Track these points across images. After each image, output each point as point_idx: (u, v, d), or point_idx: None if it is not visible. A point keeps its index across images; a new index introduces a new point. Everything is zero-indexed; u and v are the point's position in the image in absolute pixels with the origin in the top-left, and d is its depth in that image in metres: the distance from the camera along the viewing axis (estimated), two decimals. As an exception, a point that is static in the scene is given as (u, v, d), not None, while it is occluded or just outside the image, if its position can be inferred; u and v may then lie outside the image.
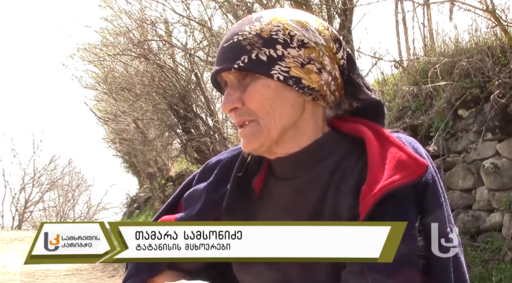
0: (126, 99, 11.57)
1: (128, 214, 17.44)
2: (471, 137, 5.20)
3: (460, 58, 5.37)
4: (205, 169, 1.23)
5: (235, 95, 1.06)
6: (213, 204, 1.15)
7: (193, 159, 11.29)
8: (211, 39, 9.29)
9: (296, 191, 1.08)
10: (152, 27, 10.12)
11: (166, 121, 11.40)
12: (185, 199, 1.22)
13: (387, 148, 1.01)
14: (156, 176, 13.83)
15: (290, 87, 1.04)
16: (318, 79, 1.05)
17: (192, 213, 1.17)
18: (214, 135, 10.27)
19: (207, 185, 1.18)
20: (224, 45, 1.07)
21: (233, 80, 1.06)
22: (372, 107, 1.11)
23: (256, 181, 1.12)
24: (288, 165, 1.09)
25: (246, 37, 1.04)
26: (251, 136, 1.05)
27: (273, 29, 1.04)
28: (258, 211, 1.12)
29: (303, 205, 1.07)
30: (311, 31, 1.06)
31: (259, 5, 8.10)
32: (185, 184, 1.27)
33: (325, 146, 1.08)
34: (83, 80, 12.82)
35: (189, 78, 10.59)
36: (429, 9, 6.67)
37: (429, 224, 0.96)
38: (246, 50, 1.03)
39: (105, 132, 16.81)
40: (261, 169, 1.13)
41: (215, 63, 1.07)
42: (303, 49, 1.04)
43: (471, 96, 5.24)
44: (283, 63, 1.03)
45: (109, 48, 10.82)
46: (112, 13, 10.63)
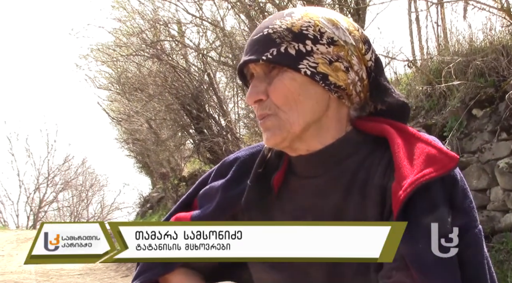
0: (139, 99, 11.63)
1: (141, 214, 17.50)
2: (485, 137, 5.14)
3: (474, 57, 5.31)
4: (222, 167, 1.23)
5: (260, 87, 1.05)
6: (230, 201, 1.15)
7: (206, 159, 11.30)
8: (224, 39, 9.30)
9: (318, 189, 1.07)
10: (165, 27, 10.15)
11: (179, 121, 11.42)
12: (201, 197, 1.22)
13: (414, 144, 1.00)
14: (169, 176, 13.87)
15: (316, 83, 1.03)
16: (345, 77, 1.05)
17: (208, 210, 1.16)
18: (226, 135, 10.28)
19: (224, 182, 1.18)
20: (254, 38, 1.07)
21: (260, 72, 1.06)
22: (397, 109, 1.10)
23: (275, 178, 1.11)
24: (310, 164, 1.08)
25: (277, 31, 1.04)
26: (273, 129, 1.05)
27: (304, 25, 1.04)
28: (276, 208, 1.11)
29: (325, 204, 1.06)
30: (341, 30, 1.06)
31: (272, 5, 8.09)
32: (201, 182, 1.26)
33: (348, 146, 1.08)
34: (96, 80, 12.90)
35: (202, 78, 10.61)
36: (443, 8, 6.61)
37: (460, 220, 0.95)
38: (276, 43, 1.03)
39: (118, 133, 16.91)
40: (281, 166, 1.12)
41: (243, 55, 1.07)
42: (332, 46, 1.04)
43: (485, 96, 5.19)
44: (311, 59, 1.03)
45: (122, 49, 10.87)
46: (125, 13, 10.69)
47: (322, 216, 1.05)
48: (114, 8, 10.66)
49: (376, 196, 1.01)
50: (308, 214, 1.07)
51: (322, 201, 1.06)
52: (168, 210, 13.74)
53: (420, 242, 0.91)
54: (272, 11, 8.19)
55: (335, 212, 1.04)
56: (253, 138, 9.70)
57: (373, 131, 1.08)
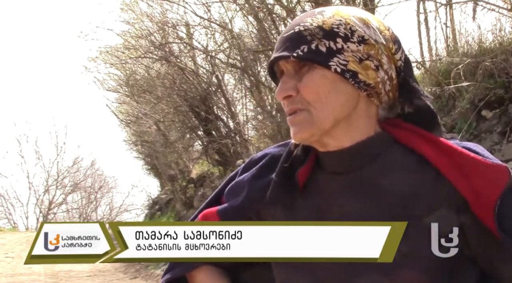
0: (147, 101, 11.66)
1: (149, 216, 17.54)
2: (495, 138, 5.11)
3: (483, 59, 5.28)
4: (249, 163, 1.24)
5: (290, 83, 1.06)
6: (257, 194, 1.15)
7: (214, 161, 11.31)
8: (232, 41, 9.31)
9: (347, 186, 1.07)
10: (173, 29, 10.18)
11: (187, 123, 11.45)
12: (227, 193, 1.22)
13: (458, 161, 1.01)
14: (177, 178, 13.89)
15: (346, 80, 1.04)
16: (375, 76, 1.05)
17: (235, 203, 1.17)
18: (235, 137, 10.28)
19: (251, 176, 1.18)
20: (284, 35, 1.08)
21: (290, 69, 1.07)
22: (425, 115, 1.10)
23: (300, 172, 1.11)
24: (340, 159, 1.08)
25: (308, 28, 1.05)
26: (302, 124, 1.05)
27: (335, 23, 1.05)
28: (301, 203, 1.11)
29: (354, 200, 1.06)
30: (372, 29, 1.06)
31: (280, 7, 8.09)
32: (228, 180, 1.27)
33: (378, 144, 1.08)
34: (105, 82, 12.96)
35: (210, 80, 10.63)
36: (452, 9, 6.57)
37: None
38: (307, 40, 1.04)
39: (127, 135, 16.97)
40: (307, 161, 1.12)
41: (274, 52, 1.08)
42: (362, 45, 1.04)
43: (495, 97, 5.15)
44: (342, 56, 1.04)
45: (131, 51, 10.92)
46: (134, 16, 10.73)
47: (349, 213, 1.04)
48: (122, 11, 10.71)
49: (397, 200, 1.02)
50: (335, 209, 1.06)
51: (350, 197, 1.06)
52: (176, 211, 13.76)
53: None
54: (280, 13, 8.19)
55: (361, 208, 1.04)
56: (261, 139, 9.69)
57: (401, 139, 1.09)
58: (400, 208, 1.01)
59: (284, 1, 7.61)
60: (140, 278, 10.07)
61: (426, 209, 0.99)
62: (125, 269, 11.25)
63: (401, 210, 1.00)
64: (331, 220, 1.04)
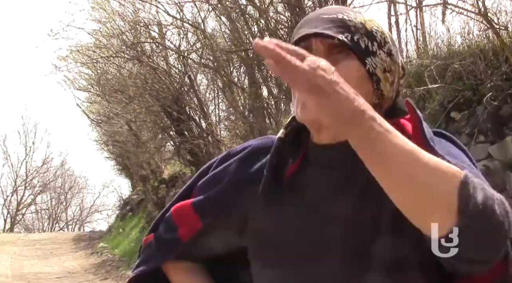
0: (119, 101, 11.55)
1: (121, 217, 17.38)
2: (463, 140, 5.20)
3: (452, 61, 5.37)
4: (227, 156, 1.22)
5: None
6: (240, 185, 1.14)
7: (186, 161, 11.26)
8: (205, 41, 9.28)
9: (340, 180, 1.07)
10: (146, 29, 10.11)
11: (159, 123, 11.37)
12: (202, 185, 1.20)
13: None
14: (149, 179, 13.79)
15: (371, 82, 1.06)
16: (389, 89, 1.08)
17: (213, 194, 1.16)
18: (207, 137, 10.25)
19: (234, 167, 1.17)
20: (325, 16, 1.07)
21: (322, 50, 1.06)
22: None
23: (290, 169, 1.11)
24: (335, 154, 1.08)
25: (352, 20, 1.06)
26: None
27: (373, 27, 1.08)
28: (290, 199, 1.10)
29: (347, 194, 1.06)
30: (396, 48, 1.10)
31: (253, 8, 8.10)
32: (199, 173, 1.24)
33: None
34: (76, 82, 12.79)
35: (183, 80, 10.58)
36: (422, 12, 6.68)
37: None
38: (351, 30, 1.05)
39: (98, 134, 16.78)
40: (297, 157, 1.12)
41: (305, 27, 1.07)
42: (389, 57, 1.08)
43: (463, 99, 5.24)
44: (374, 60, 1.06)
45: (102, 50, 10.80)
46: (105, 15, 10.62)
47: (340, 209, 1.05)
48: (94, 9, 10.58)
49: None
50: (326, 205, 1.06)
51: (341, 193, 1.06)
52: (148, 212, 13.65)
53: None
54: (253, 13, 8.20)
55: (352, 206, 1.04)
56: (234, 140, 9.69)
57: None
58: (393, 207, 0.99)
59: (257, 2, 7.63)
60: (110, 279, 9.96)
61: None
62: (95, 271, 11.13)
63: (394, 209, 0.98)
64: (321, 216, 1.05)
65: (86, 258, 13.20)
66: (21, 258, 13.28)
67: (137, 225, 13.99)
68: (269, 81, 8.63)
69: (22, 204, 27.97)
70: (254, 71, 8.70)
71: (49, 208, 29.30)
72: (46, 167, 28.15)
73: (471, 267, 0.92)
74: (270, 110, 9.07)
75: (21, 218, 28.29)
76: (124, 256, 11.92)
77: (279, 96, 9.03)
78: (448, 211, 0.86)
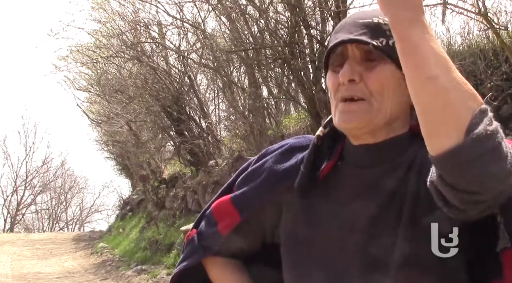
0: (119, 101, 11.55)
1: (121, 217, 17.36)
2: (464, 140, 5.19)
3: (452, 61, 5.36)
4: (265, 153, 1.25)
5: (357, 68, 1.07)
6: (277, 178, 1.17)
7: (186, 161, 11.27)
8: (205, 41, 9.28)
9: (370, 181, 1.09)
10: (146, 29, 10.11)
11: (159, 123, 11.38)
12: (241, 181, 1.24)
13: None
14: (149, 179, 13.78)
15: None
16: None
17: (250, 188, 1.19)
18: (207, 137, 10.26)
19: (271, 162, 1.20)
20: (359, 21, 1.08)
21: (358, 55, 1.07)
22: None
23: (326, 167, 1.13)
24: (369, 152, 1.10)
25: (387, 23, 1.05)
26: (358, 113, 1.06)
27: None
28: (321, 195, 1.13)
29: (380, 193, 1.07)
30: None
31: (253, 7, 8.10)
32: (240, 171, 1.28)
33: (409, 139, 1.10)
34: (76, 82, 12.80)
35: (183, 80, 10.58)
36: (422, 12, 6.66)
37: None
38: (386, 34, 1.05)
39: (98, 134, 16.78)
40: (334, 155, 1.14)
41: (341, 32, 1.08)
42: None
43: (463, 99, 5.24)
44: None
45: (102, 50, 10.81)
46: (105, 15, 10.62)
47: (373, 206, 1.06)
48: (94, 9, 10.59)
49: (400, 200, 1.04)
50: (358, 202, 1.08)
51: (370, 195, 1.08)
52: (148, 212, 13.64)
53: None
54: (253, 13, 8.20)
55: (388, 202, 1.06)
56: (234, 140, 9.69)
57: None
58: (402, 208, 1.03)
59: (257, 2, 7.63)
60: (110, 279, 9.96)
61: (426, 209, 1.00)
62: (95, 271, 11.12)
63: (403, 210, 1.02)
64: (349, 214, 1.07)
65: (86, 258, 13.19)
66: (21, 258, 13.29)
67: (137, 225, 13.98)
68: (269, 81, 8.64)
69: (22, 204, 27.97)
70: (254, 71, 8.70)
71: (49, 208, 29.31)
72: (46, 167, 28.16)
73: (467, 205, 0.90)
74: (270, 110, 9.08)
75: (21, 218, 28.29)
76: (124, 256, 11.91)
77: (279, 96, 9.04)
78: (456, 127, 0.87)
